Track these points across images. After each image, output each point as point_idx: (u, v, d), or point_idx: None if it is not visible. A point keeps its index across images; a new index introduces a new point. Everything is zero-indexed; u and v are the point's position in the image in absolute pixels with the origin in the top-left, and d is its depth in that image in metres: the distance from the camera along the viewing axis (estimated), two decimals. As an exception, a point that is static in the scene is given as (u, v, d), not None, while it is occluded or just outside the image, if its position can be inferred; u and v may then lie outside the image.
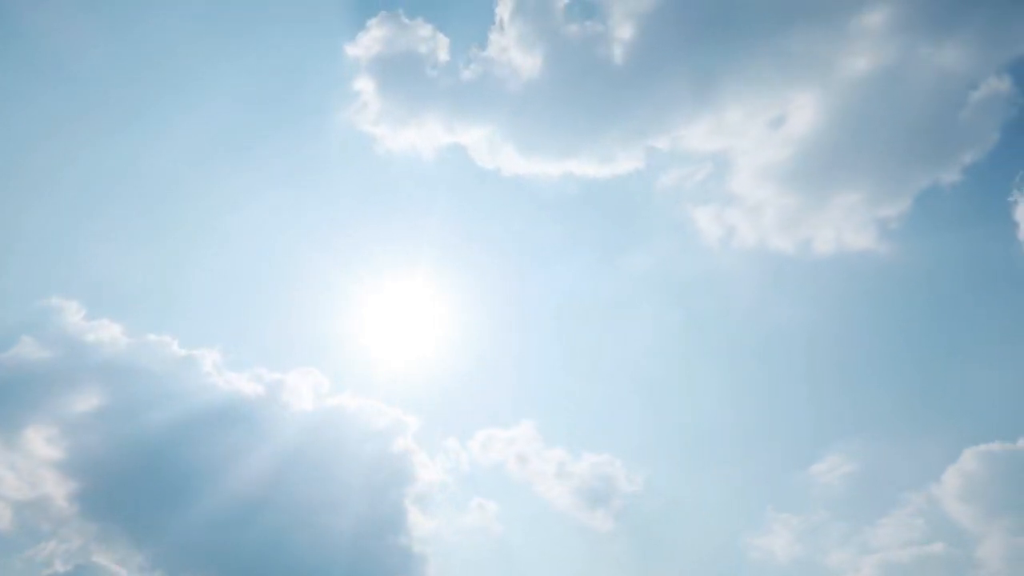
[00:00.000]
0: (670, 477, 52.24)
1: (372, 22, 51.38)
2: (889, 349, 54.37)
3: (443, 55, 51.57)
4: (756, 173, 51.27)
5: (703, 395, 54.59)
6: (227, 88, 56.89)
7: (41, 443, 42.36)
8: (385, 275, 53.44)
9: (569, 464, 49.96)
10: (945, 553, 45.15)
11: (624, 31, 49.07)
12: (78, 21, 51.87)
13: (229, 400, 44.79)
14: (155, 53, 55.38)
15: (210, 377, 45.34)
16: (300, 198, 57.33)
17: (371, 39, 51.37)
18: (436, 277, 53.67)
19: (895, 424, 51.28)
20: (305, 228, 56.46)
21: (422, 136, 52.23)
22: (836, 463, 50.17)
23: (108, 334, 45.93)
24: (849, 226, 50.49)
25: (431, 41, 51.57)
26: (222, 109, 56.54)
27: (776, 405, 53.84)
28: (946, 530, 45.95)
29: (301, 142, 58.23)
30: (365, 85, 51.95)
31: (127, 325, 46.24)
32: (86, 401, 43.31)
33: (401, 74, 51.20)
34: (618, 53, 49.10)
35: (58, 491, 42.04)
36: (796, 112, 49.26)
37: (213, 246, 55.79)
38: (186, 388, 44.53)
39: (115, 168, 55.80)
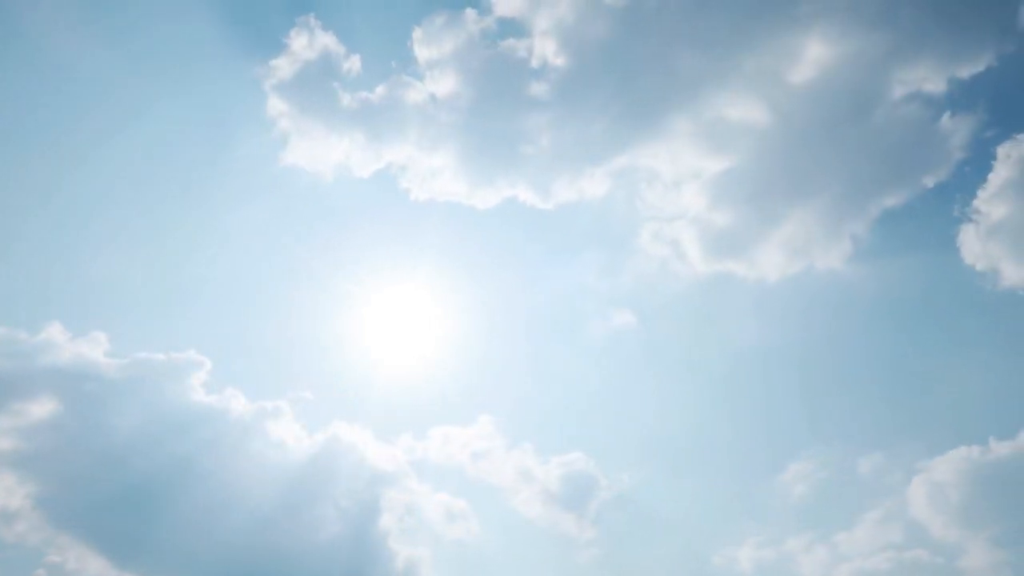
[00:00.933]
0: (641, 485, 52.21)
1: (290, 35, 50.38)
2: (863, 360, 55.11)
3: (356, 76, 51.05)
4: (702, 191, 51.14)
5: (670, 406, 54.99)
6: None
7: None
8: (326, 288, 54.24)
9: (534, 466, 50.53)
10: (914, 559, 45.46)
11: (548, 46, 48.58)
12: (78, 21, 53.19)
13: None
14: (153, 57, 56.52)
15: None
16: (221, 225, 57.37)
17: (287, 61, 50.29)
18: (380, 289, 54.19)
19: (865, 433, 51.83)
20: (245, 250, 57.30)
21: (344, 159, 51.37)
22: (809, 471, 50.61)
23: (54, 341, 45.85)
24: (811, 242, 50.78)
25: (347, 61, 50.98)
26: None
27: (746, 414, 54.15)
28: (917, 535, 46.39)
29: (218, 171, 57.45)
30: (280, 108, 50.95)
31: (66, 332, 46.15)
32: (42, 408, 43.38)
33: (316, 96, 50.18)
34: (548, 75, 48.86)
35: (19, 499, 42.11)
36: (746, 130, 48.86)
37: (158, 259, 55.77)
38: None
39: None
